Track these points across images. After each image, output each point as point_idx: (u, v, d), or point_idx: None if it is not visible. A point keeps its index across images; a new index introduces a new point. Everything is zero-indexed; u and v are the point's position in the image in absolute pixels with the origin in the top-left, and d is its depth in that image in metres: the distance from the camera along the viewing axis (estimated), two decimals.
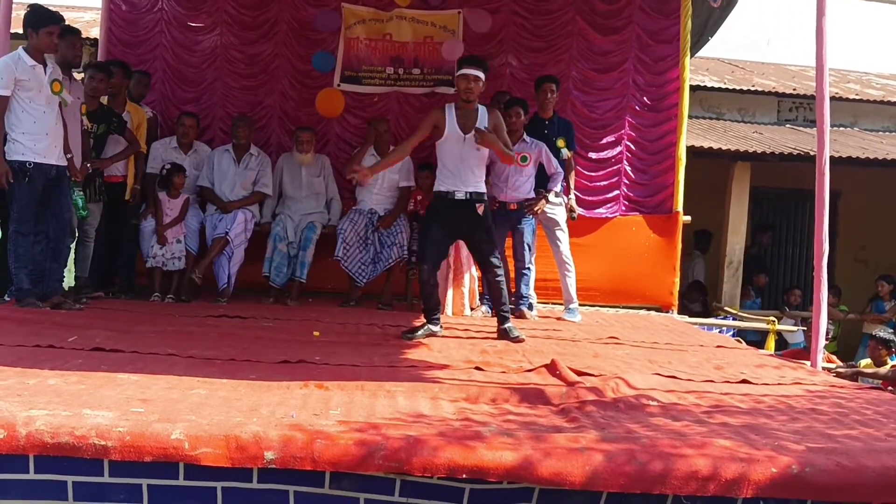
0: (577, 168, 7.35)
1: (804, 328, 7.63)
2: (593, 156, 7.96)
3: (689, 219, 7.86)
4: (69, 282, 6.26)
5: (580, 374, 4.13)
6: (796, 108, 12.52)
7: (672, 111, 7.88)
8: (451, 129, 5.34)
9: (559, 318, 6.66)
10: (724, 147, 10.01)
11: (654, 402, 3.66)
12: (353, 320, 5.94)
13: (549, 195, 6.61)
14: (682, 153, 7.81)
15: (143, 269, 6.73)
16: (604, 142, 7.99)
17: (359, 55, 7.85)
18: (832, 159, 5.33)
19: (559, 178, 6.64)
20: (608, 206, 7.97)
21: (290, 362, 4.17)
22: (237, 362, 4.11)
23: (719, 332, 7.53)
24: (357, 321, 5.91)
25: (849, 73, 14.67)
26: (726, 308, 9.37)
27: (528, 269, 6.61)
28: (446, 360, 4.54)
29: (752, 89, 12.44)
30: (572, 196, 6.97)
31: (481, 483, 2.73)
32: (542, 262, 6.98)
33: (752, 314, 8.96)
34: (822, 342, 5.15)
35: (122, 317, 5.51)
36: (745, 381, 4.35)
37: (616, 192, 7.98)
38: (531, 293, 6.75)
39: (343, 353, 4.52)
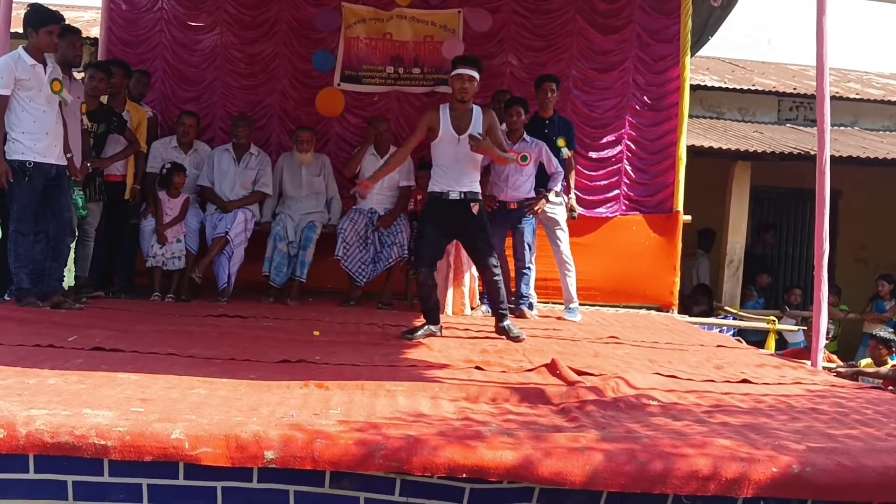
0: (578, 167, 7.35)
1: (804, 328, 7.62)
2: (593, 155, 7.96)
3: (689, 218, 7.86)
4: (69, 281, 6.27)
5: (580, 373, 4.13)
6: (797, 107, 12.50)
7: (672, 110, 7.88)
8: (445, 129, 5.31)
9: (559, 318, 6.66)
10: (724, 146, 9.99)
11: (655, 402, 3.66)
12: (353, 320, 5.94)
13: (550, 195, 6.61)
14: (682, 152, 7.81)
15: (143, 268, 6.72)
16: (604, 141, 7.99)
17: (359, 54, 7.86)
18: (832, 159, 5.32)
19: (559, 178, 6.63)
20: (608, 205, 7.97)
21: (290, 362, 4.17)
22: (237, 362, 4.11)
23: (720, 331, 7.53)
24: (357, 321, 5.91)
25: (849, 72, 14.64)
26: (726, 308, 9.34)
27: (529, 268, 6.61)
28: (446, 359, 4.54)
29: (753, 89, 12.42)
30: (572, 195, 6.97)
31: (481, 483, 2.73)
32: (543, 261, 6.97)
33: (754, 314, 8.94)
34: (823, 342, 5.15)
35: (122, 316, 5.50)
36: (745, 381, 4.35)
37: (616, 191, 7.98)
38: (531, 293, 6.74)
39: (343, 352, 4.51)
